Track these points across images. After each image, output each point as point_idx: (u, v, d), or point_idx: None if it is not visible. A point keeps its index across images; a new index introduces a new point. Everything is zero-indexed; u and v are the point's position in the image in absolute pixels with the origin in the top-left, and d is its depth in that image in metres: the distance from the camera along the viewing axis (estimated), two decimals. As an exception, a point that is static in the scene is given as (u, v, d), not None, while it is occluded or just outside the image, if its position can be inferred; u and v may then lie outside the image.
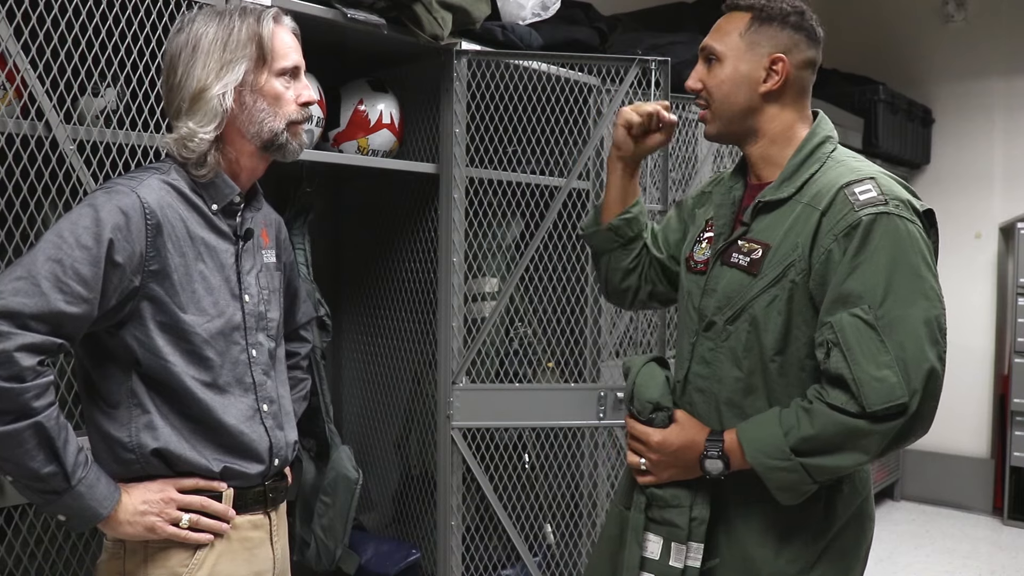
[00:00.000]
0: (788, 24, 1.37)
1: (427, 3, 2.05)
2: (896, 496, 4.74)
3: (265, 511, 1.36)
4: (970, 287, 4.58)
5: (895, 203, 1.28)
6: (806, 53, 1.38)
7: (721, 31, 1.42)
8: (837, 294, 1.26)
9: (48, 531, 1.54)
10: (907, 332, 1.23)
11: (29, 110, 1.47)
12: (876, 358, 1.22)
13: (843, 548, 1.37)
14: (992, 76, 4.52)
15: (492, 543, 2.41)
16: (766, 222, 1.37)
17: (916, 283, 1.26)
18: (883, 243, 1.25)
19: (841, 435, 1.23)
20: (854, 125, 3.89)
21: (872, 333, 1.23)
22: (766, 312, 1.33)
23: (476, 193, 2.28)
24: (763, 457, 1.28)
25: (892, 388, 1.21)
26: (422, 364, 2.42)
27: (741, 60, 1.38)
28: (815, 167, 1.35)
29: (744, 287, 1.36)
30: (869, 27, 4.85)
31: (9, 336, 1.08)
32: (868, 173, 1.32)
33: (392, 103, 2.24)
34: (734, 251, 1.39)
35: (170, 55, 1.29)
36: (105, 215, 1.17)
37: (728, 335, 1.37)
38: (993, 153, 4.55)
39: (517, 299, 2.44)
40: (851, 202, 1.28)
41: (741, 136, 1.43)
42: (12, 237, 1.47)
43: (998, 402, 4.48)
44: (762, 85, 1.37)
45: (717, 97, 1.40)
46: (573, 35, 2.48)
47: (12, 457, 1.11)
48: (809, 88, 1.42)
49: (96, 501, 1.17)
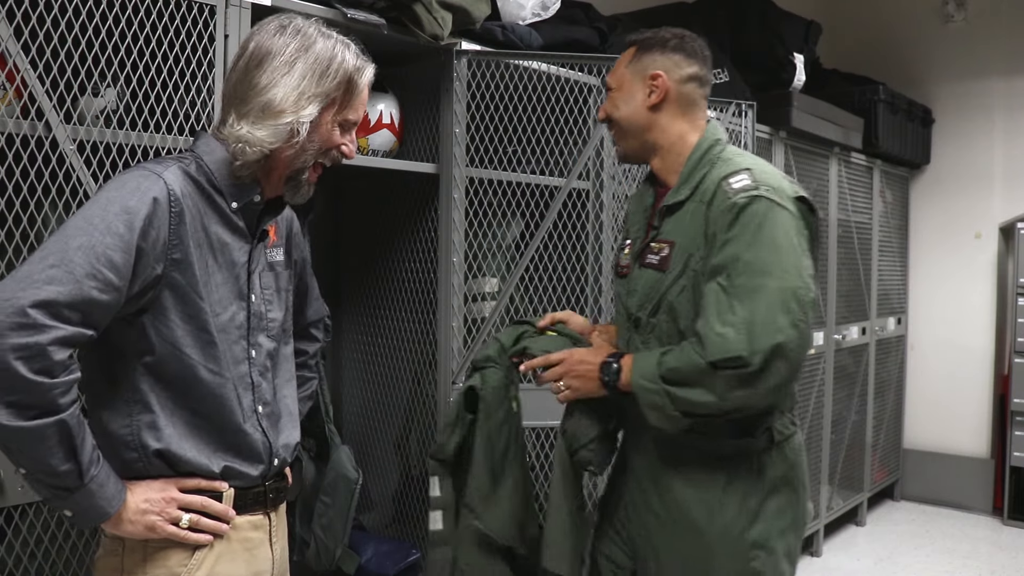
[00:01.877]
0: (667, 48, 1.60)
1: (427, 3, 2.05)
2: (896, 496, 4.74)
3: (265, 512, 1.36)
4: (970, 287, 4.58)
5: (766, 188, 1.45)
6: (686, 69, 1.59)
7: (614, 67, 1.65)
8: (710, 267, 1.45)
9: (48, 531, 1.54)
10: (760, 299, 1.39)
11: (29, 110, 1.47)
12: (722, 317, 1.40)
13: (780, 508, 1.54)
14: (992, 76, 4.52)
15: (492, 543, 2.41)
16: (671, 223, 1.56)
17: (775, 256, 1.41)
18: (750, 221, 1.43)
19: (693, 373, 1.41)
20: (854, 125, 3.89)
21: (725, 297, 1.41)
22: (679, 301, 1.52)
23: (476, 193, 2.28)
24: (638, 378, 1.48)
25: (728, 343, 1.38)
26: (422, 364, 2.42)
27: (628, 84, 1.61)
28: (706, 168, 1.54)
29: (659, 283, 1.55)
30: (869, 27, 4.85)
31: (44, 328, 1.06)
32: (745, 165, 1.50)
33: (392, 103, 2.24)
34: (648, 253, 1.59)
35: (262, 51, 1.25)
36: (135, 202, 1.15)
37: (652, 327, 1.57)
38: (993, 153, 4.55)
39: (517, 299, 2.44)
40: (727, 191, 1.47)
41: (645, 151, 1.62)
42: (12, 237, 1.47)
43: (998, 402, 4.48)
44: (647, 100, 1.58)
45: (617, 119, 1.62)
46: (573, 35, 2.48)
47: (32, 452, 1.09)
48: (699, 100, 1.61)
49: (105, 500, 1.16)
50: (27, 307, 1.05)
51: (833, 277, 3.87)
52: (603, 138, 2.42)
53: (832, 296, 3.86)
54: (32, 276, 1.07)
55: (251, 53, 1.26)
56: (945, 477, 4.62)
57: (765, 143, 3.31)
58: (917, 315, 4.73)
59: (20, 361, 1.04)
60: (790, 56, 3.40)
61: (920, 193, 4.75)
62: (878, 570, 3.72)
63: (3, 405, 1.05)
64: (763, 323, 1.37)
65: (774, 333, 1.37)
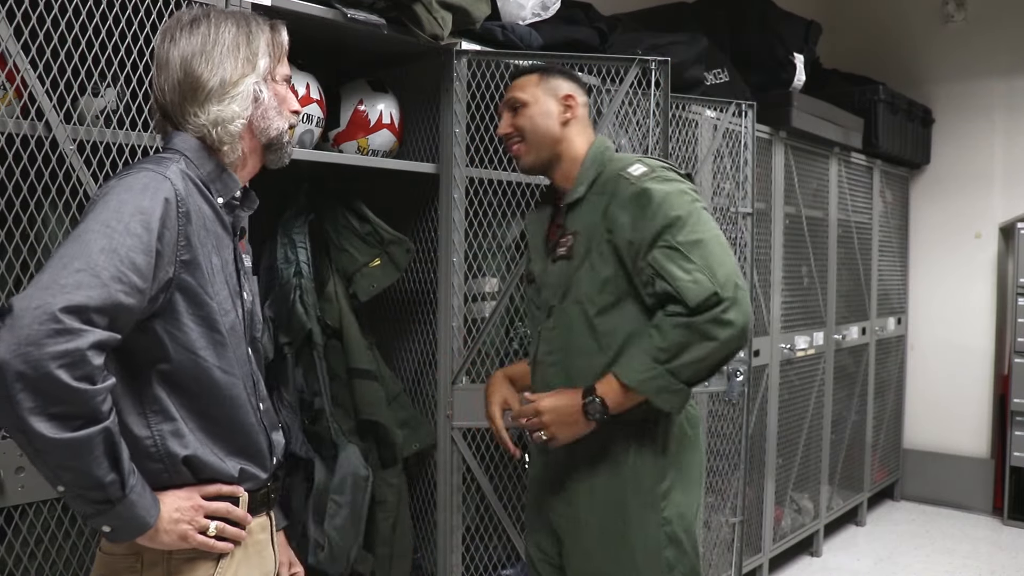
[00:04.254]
0: (567, 76, 1.82)
1: (427, 3, 2.05)
2: (896, 496, 4.74)
3: (267, 512, 1.36)
4: (970, 287, 4.58)
5: (661, 168, 1.67)
6: (582, 96, 1.81)
7: (520, 87, 1.79)
8: (645, 241, 1.60)
9: (48, 531, 1.54)
10: (704, 247, 1.56)
11: (29, 110, 1.47)
12: (684, 268, 1.55)
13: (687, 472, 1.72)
14: (992, 76, 4.52)
15: (492, 543, 2.41)
16: (573, 217, 1.73)
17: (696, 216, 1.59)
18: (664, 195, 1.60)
19: (684, 334, 1.54)
20: (854, 125, 3.89)
21: (677, 253, 1.57)
22: (584, 282, 1.68)
23: (476, 193, 2.28)
24: (635, 374, 1.58)
25: (701, 286, 1.53)
26: (422, 364, 2.42)
27: (542, 101, 1.77)
28: (601, 168, 1.73)
29: (568, 270, 1.71)
30: (869, 27, 4.85)
31: (81, 333, 1.02)
32: (635, 159, 1.71)
33: (392, 103, 2.24)
34: (558, 247, 1.75)
35: (190, 49, 1.25)
36: (148, 203, 1.13)
37: (563, 312, 1.72)
38: (993, 153, 4.55)
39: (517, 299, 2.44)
40: (629, 179, 1.65)
41: (549, 162, 1.78)
42: (12, 237, 1.47)
43: (998, 402, 4.48)
44: (562, 116, 1.77)
45: (530, 131, 1.77)
46: (573, 35, 2.48)
47: (78, 465, 1.05)
48: (589, 122, 1.83)
49: (144, 510, 1.13)
50: (59, 313, 1.01)
51: (833, 277, 3.87)
52: (603, 138, 2.42)
53: (832, 296, 3.86)
54: (58, 281, 1.03)
55: (179, 59, 1.26)
56: (945, 477, 4.62)
57: (765, 143, 3.31)
58: (917, 315, 4.73)
59: (63, 369, 1.00)
60: (790, 56, 3.40)
61: (920, 193, 4.75)
62: (878, 570, 3.72)
63: (46, 417, 1.01)
64: (718, 263, 1.55)
65: (729, 268, 1.56)
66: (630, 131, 2.48)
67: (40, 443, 1.02)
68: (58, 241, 1.51)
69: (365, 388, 2.15)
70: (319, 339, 2.10)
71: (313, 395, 2.12)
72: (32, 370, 0.99)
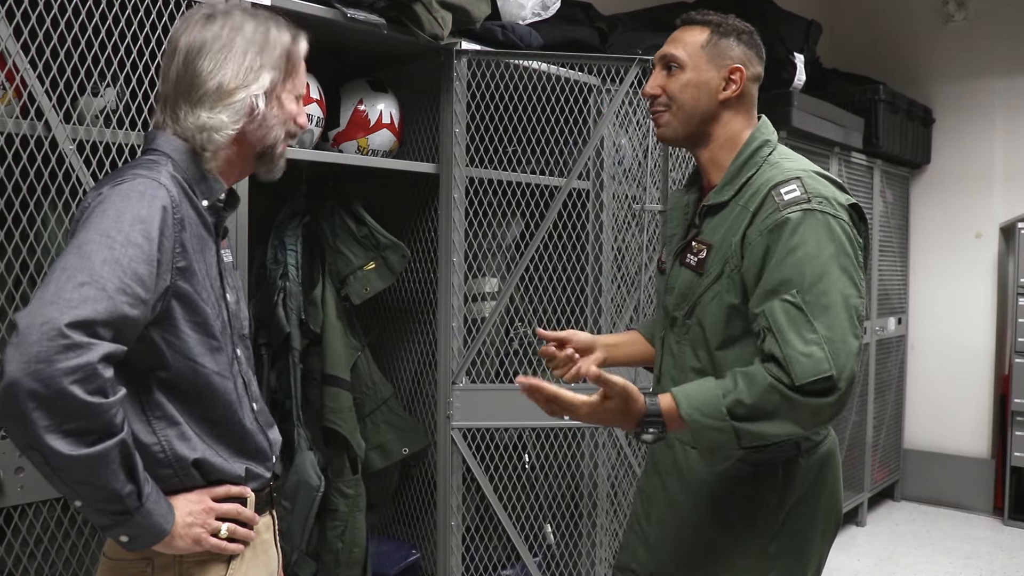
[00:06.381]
0: (742, 41, 1.52)
1: (427, 3, 2.05)
2: (896, 496, 4.73)
3: (270, 511, 1.36)
4: (970, 287, 4.58)
5: (818, 200, 1.38)
6: (757, 68, 1.53)
7: (681, 42, 1.52)
8: (768, 285, 1.36)
9: (48, 531, 1.54)
10: (832, 315, 1.32)
11: (29, 110, 1.47)
12: (804, 336, 1.31)
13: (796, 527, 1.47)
14: (992, 76, 4.52)
15: (492, 543, 2.41)
16: (712, 224, 1.48)
17: (837, 270, 1.35)
18: (807, 236, 1.35)
19: (771, 404, 1.30)
20: (854, 125, 3.89)
21: (800, 314, 1.32)
22: (710, 306, 1.45)
23: (476, 193, 2.28)
24: (698, 415, 1.33)
25: (819, 362, 1.28)
26: (422, 364, 2.42)
27: (703, 68, 1.50)
28: (752, 171, 1.46)
29: (694, 285, 1.48)
30: (869, 27, 4.84)
31: (90, 347, 1.01)
32: (795, 174, 1.42)
33: (392, 103, 2.24)
34: (688, 252, 1.51)
35: (198, 43, 1.23)
36: (146, 211, 1.12)
37: (688, 329, 1.50)
38: (993, 153, 4.54)
39: (517, 299, 2.44)
40: (777, 202, 1.38)
41: (695, 140, 1.53)
42: (12, 237, 1.47)
43: (998, 402, 4.48)
44: (721, 93, 1.49)
45: (680, 101, 1.50)
46: (573, 35, 2.48)
47: (96, 480, 1.04)
48: (755, 99, 1.55)
49: (161, 517, 1.13)
50: (67, 328, 1.00)
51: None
52: (603, 138, 2.42)
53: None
54: (63, 296, 1.02)
55: (186, 48, 1.24)
56: (945, 477, 4.61)
57: (765, 143, 3.31)
58: (917, 315, 4.72)
59: (76, 384, 0.99)
60: (790, 56, 3.39)
61: (920, 193, 4.74)
62: (878, 570, 3.71)
63: (62, 435, 1.00)
64: (841, 340, 1.30)
65: (852, 348, 1.31)
66: (630, 131, 2.48)
67: (57, 461, 1.01)
68: (57, 243, 1.50)
69: (332, 395, 2.14)
70: (297, 343, 2.10)
71: (285, 396, 2.12)
72: (44, 387, 0.98)
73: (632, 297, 2.51)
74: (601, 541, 2.51)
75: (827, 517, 1.52)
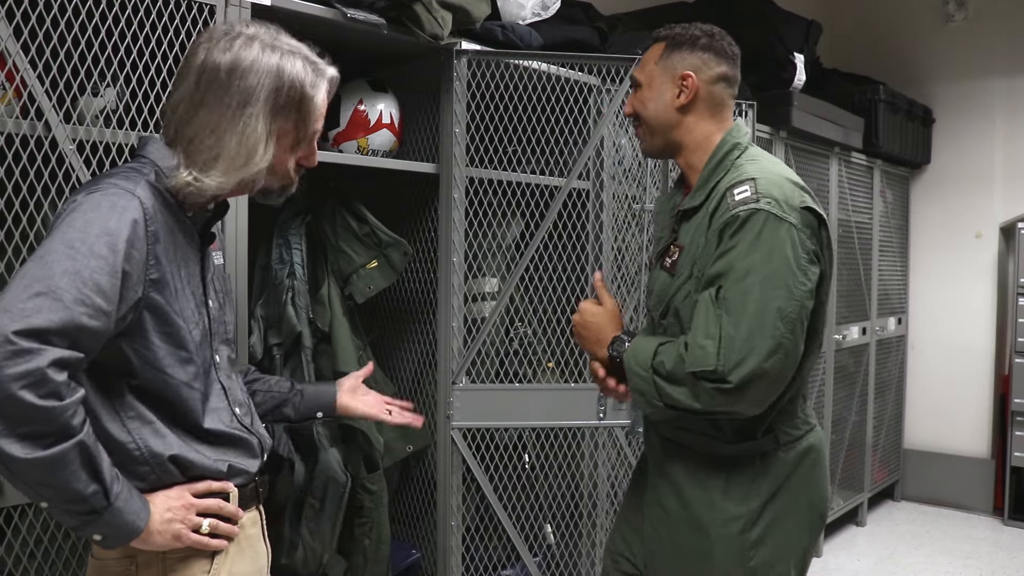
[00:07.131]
0: (697, 46, 1.57)
1: (427, 3, 2.05)
2: (896, 496, 4.74)
3: (257, 506, 1.36)
4: (970, 287, 4.58)
5: (767, 201, 1.42)
6: (716, 69, 1.57)
7: (642, 62, 1.63)
8: (706, 277, 1.46)
9: (48, 531, 1.54)
10: (745, 314, 1.38)
11: (29, 110, 1.47)
12: (706, 329, 1.41)
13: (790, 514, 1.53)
14: (992, 76, 4.52)
15: (492, 543, 2.41)
16: (686, 227, 1.56)
17: (766, 272, 1.39)
18: (745, 235, 1.41)
19: (678, 374, 1.43)
20: (854, 125, 3.89)
21: (713, 308, 1.41)
22: (683, 306, 1.52)
23: (476, 193, 2.28)
24: (633, 363, 1.51)
25: (707, 356, 1.39)
26: (422, 364, 2.42)
27: (657, 82, 1.59)
28: (721, 174, 1.52)
29: (668, 286, 1.57)
30: (869, 27, 4.85)
31: (39, 352, 1.01)
32: (751, 175, 1.47)
33: (392, 103, 2.24)
34: (666, 255, 1.60)
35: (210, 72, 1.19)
36: (115, 223, 1.11)
37: (664, 328, 1.59)
38: (993, 153, 4.54)
39: (517, 299, 2.44)
40: (729, 202, 1.45)
41: (670, 149, 1.62)
42: (12, 237, 1.47)
43: (998, 402, 4.48)
44: (676, 100, 1.56)
45: (644, 116, 1.60)
46: (573, 35, 2.48)
47: (56, 481, 1.05)
48: (726, 100, 1.59)
49: (133, 515, 1.14)
50: (13, 336, 1.00)
51: (833, 277, 3.86)
52: (603, 138, 2.42)
53: (832, 296, 3.85)
54: (16, 304, 1.03)
55: (196, 77, 1.20)
56: (945, 477, 4.61)
57: (765, 143, 3.31)
58: (917, 315, 4.72)
59: (26, 389, 1.00)
60: (790, 56, 3.39)
61: (920, 193, 4.74)
62: (878, 570, 3.71)
63: (16, 439, 1.01)
64: (743, 340, 1.37)
65: (751, 353, 1.37)
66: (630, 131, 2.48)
67: (14, 465, 1.02)
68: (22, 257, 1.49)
69: None
70: (308, 342, 2.09)
71: None
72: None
73: (632, 297, 2.51)
74: (601, 541, 2.51)
75: (811, 511, 1.57)
